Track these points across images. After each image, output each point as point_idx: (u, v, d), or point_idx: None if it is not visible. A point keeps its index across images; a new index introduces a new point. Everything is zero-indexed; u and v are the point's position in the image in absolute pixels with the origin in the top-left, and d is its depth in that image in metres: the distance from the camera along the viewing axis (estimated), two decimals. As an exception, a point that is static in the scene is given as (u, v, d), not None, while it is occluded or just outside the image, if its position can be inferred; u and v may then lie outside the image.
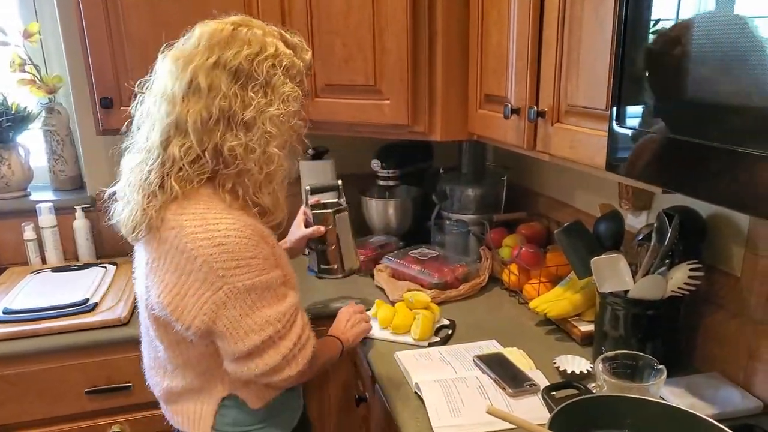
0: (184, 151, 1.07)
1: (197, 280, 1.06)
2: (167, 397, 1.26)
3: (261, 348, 1.11)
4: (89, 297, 1.82)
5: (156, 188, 1.08)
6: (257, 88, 1.09)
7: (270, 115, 1.09)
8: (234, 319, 1.08)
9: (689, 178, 0.89)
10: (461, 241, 2.11)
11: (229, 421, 1.23)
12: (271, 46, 1.11)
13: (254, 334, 1.09)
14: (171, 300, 1.08)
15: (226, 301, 1.07)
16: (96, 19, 1.77)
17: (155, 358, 1.26)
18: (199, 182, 1.09)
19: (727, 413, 1.23)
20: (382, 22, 1.72)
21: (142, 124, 1.14)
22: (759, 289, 1.26)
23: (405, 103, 1.76)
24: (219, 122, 1.07)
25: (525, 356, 1.49)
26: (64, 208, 2.18)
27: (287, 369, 1.14)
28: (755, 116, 0.77)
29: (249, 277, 1.07)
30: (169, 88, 1.09)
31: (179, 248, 1.06)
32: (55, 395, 1.69)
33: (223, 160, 1.09)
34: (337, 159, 2.22)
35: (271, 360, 1.12)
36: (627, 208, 1.60)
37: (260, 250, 1.10)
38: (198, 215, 1.07)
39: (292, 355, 1.14)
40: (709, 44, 0.83)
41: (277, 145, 1.12)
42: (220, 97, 1.06)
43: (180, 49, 1.12)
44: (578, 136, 1.23)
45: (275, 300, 1.12)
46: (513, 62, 1.44)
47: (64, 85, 2.20)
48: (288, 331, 1.14)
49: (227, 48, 1.08)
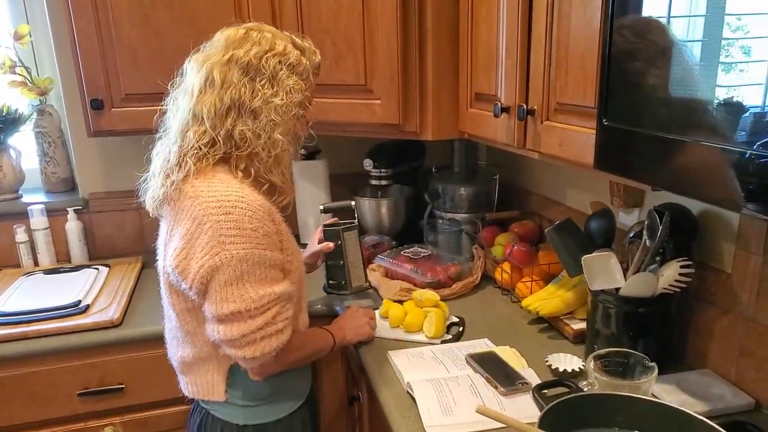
0: (199, 135, 1.19)
1: (202, 243, 1.14)
2: (182, 367, 1.33)
3: (229, 318, 1.16)
4: (81, 299, 1.82)
5: (173, 166, 1.20)
6: (264, 81, 1.21)
7: (275, 105, 1.21)
8: (220, 284, 1.15)
9: (676, 176, 0.89)
10: (454, 240, 2.11)
11: (240, 395, 1.30)
12: (280, 45, 1.24)
13: (227, 303, 1.15)
14: (179, 262, 1.17)
15: (220, 265, 1.14)
16: (86, 24, 1.77)
17: (170, 329, 1.34)
18: (213, 160, 1.20)
19: (719, 410, 1.23)
20: (372, 21, 1.72)
21: (171, 118, 1.27)
22: (750, 286, 1.26)
23: (396, 102, 1.75)
24: (230, 110, 1.19)
25: (517, 355, 1.49)
26: (57, 210, 2.17)
27: (244, 349, 1.18)
28: (736, 114, 0.77)
29: (244, 247, 1.14)
30: (190, 84, 1.23)
31: (192, 215, 1.16)
32: (47, 398, 1.68)
33: (235, 143, 1.21)
34: (329, 159, 2.22)
35: (230, 332, 1.17)
36: (618, 205, 1.60)
37: (263, 224, 1.17)
38: (213, 187, 1.17)
39: (253, 338, 1.18)
40: (694, 42, 0.84)
41: (281, 132, 1.23)
42: (231, 88, 1.19)
43: (202, 52, 1.26)
44: (567, 133, 1.23)
45: (262, 280, 1.18)
46: (503, 61, 1.44)
47: (55, 87, 2.20)
48: (259, 314, 1.18)
49: (240, 47, 1.22)
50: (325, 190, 2.21)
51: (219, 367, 1.28)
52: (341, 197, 2.32)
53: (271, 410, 1.33)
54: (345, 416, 1.93)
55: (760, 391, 1.26)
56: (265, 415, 1.32)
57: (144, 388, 1.74)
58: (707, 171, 0.83)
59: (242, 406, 1.30)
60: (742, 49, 0.77)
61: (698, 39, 0.84)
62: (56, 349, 1.65)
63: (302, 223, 2.25)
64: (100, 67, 1.81)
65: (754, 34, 0.76)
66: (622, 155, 1.00)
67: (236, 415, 1.31)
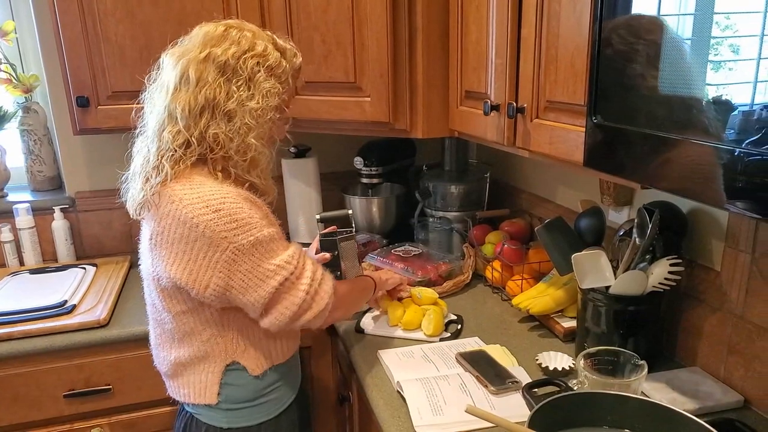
0: (174, 135, 1.17)
1: (204, 244, 1.13)
2: (174, 370, 1.31)
3: (280, 290, 1.18)
4: (67, 299, 1.80)
5: (151, 170, 1.18)
6: (241, 82, 1.18)
7: (250, 108, 1.18)
8: (248, 272, 1.15)
9: (665, 174, 0.89)
10: (445, 238, 2.10)
11: (224, 398, 1.28)
12: (260, 46, 1.21)
13: (270, 279, 1.17)
14: (183, 269, 1.15)
15: (236, 258, 1.14)
16: (71, 20, 1.75)
17: (161, 333, 1.31)
18: (190, 162, 1.18)
19: (708, 407, 1.23)
20: (361, 17, 1.71)
21: (149, 114, 1.25)
22: (739, 284, 1.26)
23: (385, 99, 1.74)
24: (204, 110, 1.17)
25: (507, 353, 1.48)
26: (43, 209, 2.15)
27: (314, 305, 1.22)
28: (725, 112, 0.76)
29: (252, 233, 1.15)
30: (166, 80, 1.20)
31: (181, 219, 1.13)
32: (32, 399, 1.66)
33: (209, 145, 1.18)
34: (319, 157, 2.21)
35: (296, 299, 1.19)
36: (609, 203, 1.60)
37: (255, 211, 1.18)
38: (194, 189, 1.15)
39: (314, 290, 1.22)
40: (681, 41, 0.83)
41: (254, 136, 1.20)
42: (206, 88, 1.16)
43: (179, 46, 1.23)
44: (557, 131, 1.23)
45: (282, 248, 1.20)
46: (492, 58, 1.43)
47: (41, 84, 2.17)
48: (302, 270, 1.21)
49: (218, 45, 1.18)
50: (316, 188, 2.20)
51: (215, 367, 1.27)
52: (332, 196, 2.32)
53: (255, 413, 1.31)
54: (335, 416, 1.92)
55: (749, 389, 1.26)
56: (249, 418, 1.31)
57: (131, 389, 1.72)
58: (696, 169, 0.83)
59: (225, 409, 1.29)
60: (731, 48, 0.77)
61: (687, 38, 0.84)
62: (42, 349, 1.63)
63: (292, 222, 2.23)
64: (85, 63, 1.78)
65: (743, 32, 0.76)
66: (612, 153, 1.00)
67: (220, 418, 1.30)
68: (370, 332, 1.64)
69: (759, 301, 1.22)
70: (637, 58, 0.92)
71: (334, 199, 2.35)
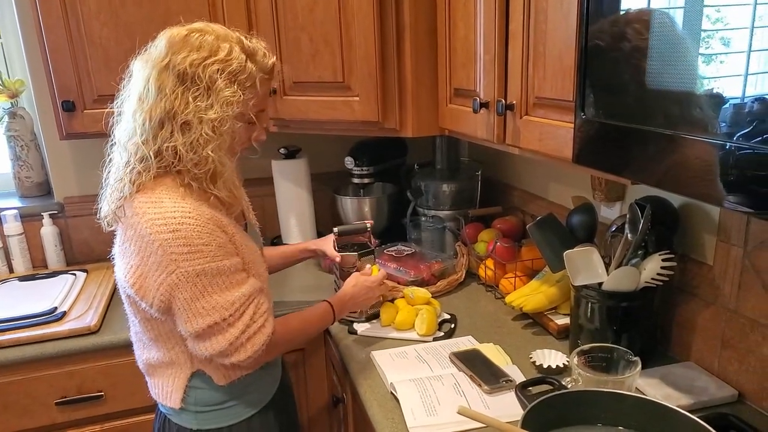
0: (136, 148, 1.15)
1: (155, 262, 1.12)
2: (146, 369, 1.32)
3: (208, 332, 1.16)
4: (57, 305, 1.78)
5: (117, 183, 1.17)
6: (199, 92, 1.13)
7: (208, 119, 1.13)
8: (185, 301, 1.13)
9: (655, 169, 0.88)
10: (437, 237, 2.09)
11: (192, 401, 1.27)
12: (223, 51, 1.15)
13: (201, 318, 1.14)
14: (135, 281, 1.15)
15: (178, 283, 1.12)
16: (54, 23, 1.73)
17: (135, 333, 1.32)
18: (154, 173, 1.15)
19: (703, 402, 1.23)
20: (348, 17, 1.70)
21: (118, 124, 1.22)
22: (732, 278, 1.26)
23: (374, 99, 1.73)
24: (164, 123, 1.13)
25: (501, 352, 1.47)
26: (31, 215, 2.13)
27: (236, 354, 1.19)
28: (716, 105, 0.76)
29: (199, 263, 1.12)
30: (132, 89, 1.18)
31: (140, 233, 1.12)
32: (23, 408, 1.64)
33: (166, 158, 1.15)
34: (310, 158, 2.20)
35: (218, 345, 1.17)
36: (600, 199, 1.59)
37: (214, 237, 1.14)
38: (158, 203, 1.13)
39: (240, 342, 1.18)
40: (670, 34, 0.82)
41: (212, 148, 1.15)
42: (165, 99, 1.13)
43: (147, 52, 1.19)
44: (546, 128, 1.22)
45: (227, 287, 1.16)
46: (481, 54, 1.42)
47: (27, 89, 2.15)
48: (236, 320, 1.17)
49: (178, 52, 1.13)
50: (307, 189, 2.18)
51: (181, 373, 1.26)
52: (323, 197, 2.31)
53: (225, 415, 1.30)
54: (329, 418, 1.91)
55: (743, 383, 1.25)
56: (218, 420, 1.30)
57: (123, 396, 1.70)
58: (687, 163, 0.82)
59: (195, 412, 1.28)
60: (722, 41, 0.76)
61: (677, 31, 0.83)
62: (32, 357, 1.61)
63: (284, 224, 2.22)
64: (70, 67, 1.77)
65: (734, 25, 0.75)
66: (601, 149, 0.99)
67: (189, 420, 1.29)
68: (362, 333, 1.63)
69: (752, 294, 1.22)
70: (625, 52, 0.91)
71: (326, 200, 2.34)
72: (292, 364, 1.79)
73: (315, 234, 2.22)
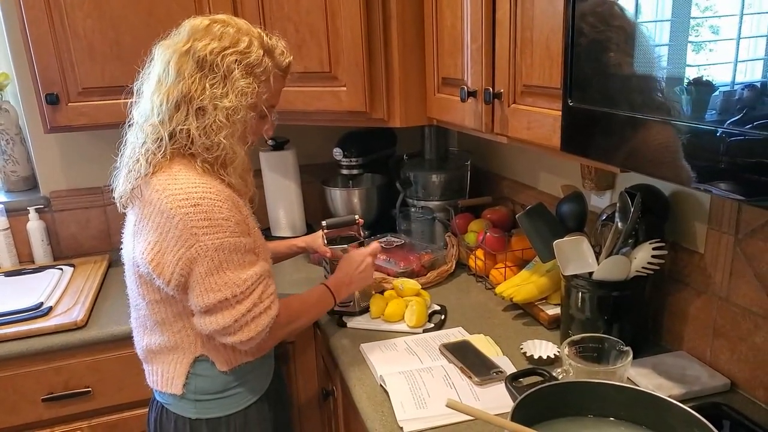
0: (153, 128, 1.19)
1: (174, 237, 1.14)
2: (146, 355, 1.33)
3: (218, 307, 1.18)
4: (43, 300, 1.76)
5: (134, 161, 1.20)
6: (216, 79, 1.17)
7: (223, 106, 1.17)
8: (200, 275, 1.16)
9: (643, 156, 0.87)
10: (427, 228, 2.08)
11: (192, 388, 1.28)
12: (243, 43, 1.20)
13: (212, 293, 1.17)
14: (153, 257, 1.16)
15: (197, 257, 1.14)
16: (37, 14, 1.69)
17: (137, 318, 1.33)
18: (169, 154, 1.19)
19: (695, 392, 1.22)
20: (334, 6, 1.67)
21: (137, 104, 1.25)
22: (723, 266, 1.25)
23: (362, 88, 1.71)
24: (180, 105, 1.17)
25: (492, 343, 1.46)
26: (17, 210, 2.10)
27: (239, 333, 1.20)
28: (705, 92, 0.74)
29: (219, 236, 1.15)
30: (152, 72, 1.22)
31: (160, 209, 1.15)
32: (10, 404, 1.62)
33: (179, 140, 1.19)
34: (298, 149, 2.17)
35: (223, 320, 1.18)
36: (590, 188, 1.58)
37: (233, 213, 1.18)
38: (178, 180, 1.17)
39: (245, 320, 1.19)
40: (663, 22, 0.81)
41: (225, 135, 1.19)
42: (183, 82, 1.17)
43: (170, 38, 1.23)
44: (535, 116, 1.20)
45: (241, 265, 1.19)
46: (468, 44, 1.40)
47: (11, 83, 2.12)
48: (245, 298, 1.19)
49: (200, 39, 1.18)
50: (295, 181, 2.16)
51: (183, 358, 1.27)
52: (312, 188, 2.29)
53: (223, 404, 1.31)
54: (320, 411, 1.90)
55: (735, 372, 1.25)
56: (217, 409, 1.31)
57: (111, 391, 1.69)
58: (677, 151, 0.81)
59: (194, 400, 1.29)
60: (711, 29, 0.75)
61: (667, 19, 0.82)
62: (18, 353, 1.59)
63: (272, 216, 2.19)
64: (54, 59, 1.73)
65: (723, 12, 0.73)
66: (589, 137, 0.98)
67: (188, 408, 1.30)
68: (352, 326, 1.61)
69: (743, 282, 1.21)
70: (613, 38, 0.89)
71: (315, 192, 2.32)
72: (282, 357, 1.78)
73: (304, 226, 2.20)
